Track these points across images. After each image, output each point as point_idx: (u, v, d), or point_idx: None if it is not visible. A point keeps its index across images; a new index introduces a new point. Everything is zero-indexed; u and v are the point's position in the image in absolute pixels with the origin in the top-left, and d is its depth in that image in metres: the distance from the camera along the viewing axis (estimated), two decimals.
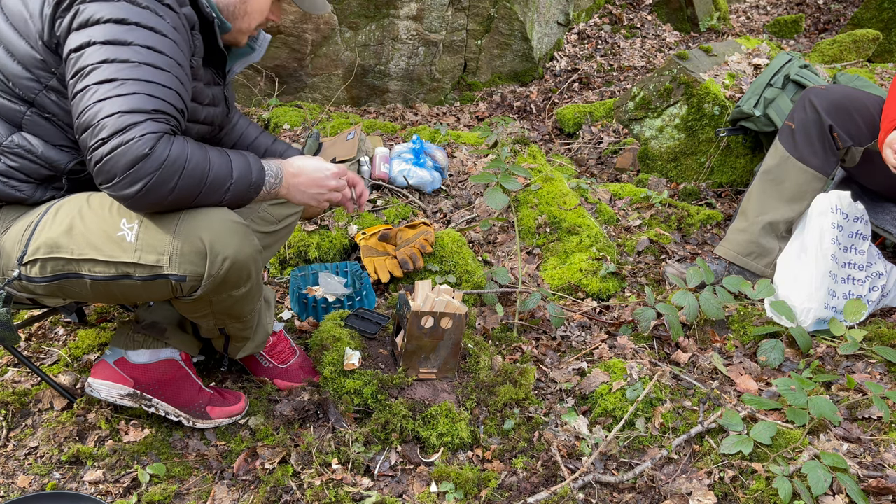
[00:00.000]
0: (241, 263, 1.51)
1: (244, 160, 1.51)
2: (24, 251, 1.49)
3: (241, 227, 1.50)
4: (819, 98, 2.37)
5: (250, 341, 1.83)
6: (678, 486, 1.69)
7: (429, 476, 1.74)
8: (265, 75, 4.28)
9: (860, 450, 1.75)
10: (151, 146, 1.32)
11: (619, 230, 2.99)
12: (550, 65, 5.08)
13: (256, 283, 1.64)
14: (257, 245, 1.56)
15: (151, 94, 1.35)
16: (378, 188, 3.08)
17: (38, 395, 1.91)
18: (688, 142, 3.52)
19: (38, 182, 1.54)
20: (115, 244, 1.44)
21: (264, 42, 1.79)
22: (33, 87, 1.45)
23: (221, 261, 1.47)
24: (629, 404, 1.89)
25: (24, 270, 1.50)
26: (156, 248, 1.43)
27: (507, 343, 2.25)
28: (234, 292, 1.58)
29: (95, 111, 1.32)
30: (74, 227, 1.46)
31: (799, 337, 2.15)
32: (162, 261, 1.44)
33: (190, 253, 1.44)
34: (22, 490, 1.63)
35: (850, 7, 6.11)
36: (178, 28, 1.44)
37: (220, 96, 1.74)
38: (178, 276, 1.45)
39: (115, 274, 1.46)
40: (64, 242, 1.46)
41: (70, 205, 1.51)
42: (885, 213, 2.52)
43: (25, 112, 1.47)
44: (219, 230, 1.46)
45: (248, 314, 1.72)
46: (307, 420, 1.84)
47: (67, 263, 1.47)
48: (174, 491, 1.64)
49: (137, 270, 1.45)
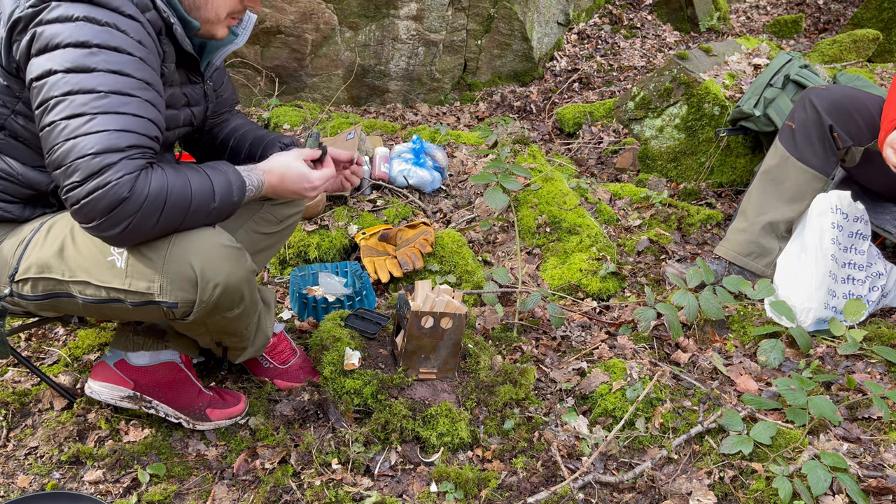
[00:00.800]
0: (234, 288, 1.48)
1: (224, 178, 1.44)
2: (15, 269, 1.48)
3: (232, 252, 1.47)
4: (819, 98, 2.37)
5: (249, 348, 1.82)
6: (678, 486, 1.69)
7: (429, 476, 1.74)
8: (265, 75, 4.28)
9: (860, 450, 1.75)
10: (130, 188, 1.26)
11: (619, 230, 2.99)
12: (550, 65, 5.08)
13: (250, 302, 1.61)
14: (250, 266, 1.53)
15: (123, 128, 1.28)
16: (378, 188, 3.08)
17: (38, 395, 1.91)
18: (688, 142, 3.52)
19: (25, 201, 1.52)
20: (106, 269, 1.42)
21: (248, 25, 1.67)
22: (2, 113, 1.40)
23: (213, 287, 1.44)
24: (629, 404, 1.89)
25: (16, 288, 1.49)
26: (146, 275, 1.41)
27: (507, 343, 2.25)
28: (227, 314, 1.56)
29: (66, 151, 1.25)
30: (66, 248, 1.44)
31: (799, 337, 2.15)
32: (152, 288, 1.41)
33: (180, 280, 1.41)
34: (22, 490, 1.63)
35: (850, 7, 6.11)
36: (143, 40, 1.35)
37: (200, 94, 1.68)
38: (170, 303, 1.43)
39: (105, 297, 1.45)
40: (55, 264, 1.44)
41: (61, 223, 1.48)
42: (885, 213, 2.52)
43: None
44: (209, 255, 1.43)
45: (244, 330, 1.70)
46: (307, 420, 1.84)
47: (59, 284, 1.46)
48: (174, 491, 1.64)
49: (128, 297, 1.43)
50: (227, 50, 1.67)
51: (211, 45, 1.65)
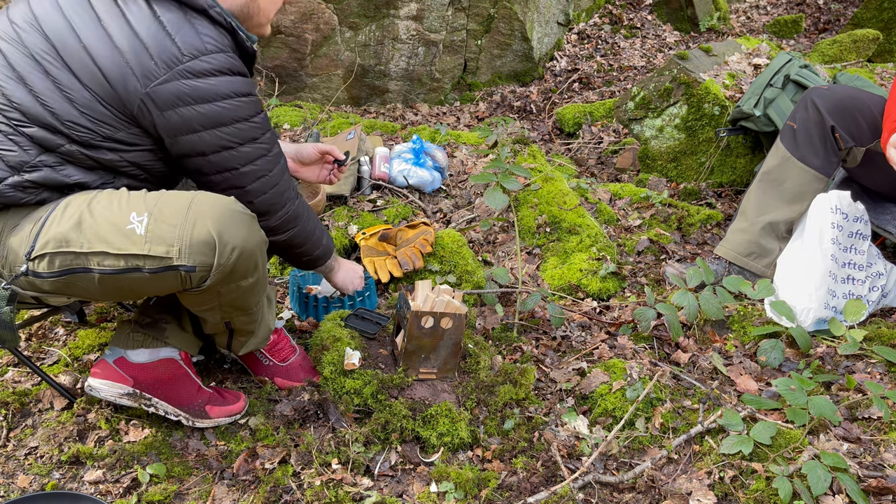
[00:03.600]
0: (249, 252, 1.53)
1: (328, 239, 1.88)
2: (32, 246, 1.48)
3: (247, 217, 1.53)
4: (821, 98, 2.36)
5: (254, 336, 1.83)
6: (678, 486, 1.69)
7: (429, 476, 1.74)
8: (265, 75, 4.28)
9: (860, 450, 1.75)
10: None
11: (619, 230, 2.99)
12: (550, 65, 5.08)
13: (263, 274, 1.65)
14: (263, 235, 1.59)
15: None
16: (378, 188, 3.08)
17: (38, 395, 1.91)
18: (688, 142, 3.52)
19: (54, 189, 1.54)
20: (125, 237, 1.45)
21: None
22: (88, 137, 1.47)
23: (230, 250, 1.48)
24: (629, 404, 1.89)
25: (32, 266, 1.49)
26: (165, 239, 1.44)
27: (507, 343, 2.25)
28: (242, 282, 1.59)
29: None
30: (84, 221, 1.46)
31: (799, 337, 2.15)
32: (171, 252, 1.44)
33: (199, 243, 1.45)
34: (22, 490, 1.63)
35: (850, 7, 6.11)
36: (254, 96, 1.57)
37: None
38: (188, 266, 1.46)
39: (124, 267, 1.46)
40: (73, 237, 1.46)
41: (79, 200, 1.50)
42: (885, 213, 2.52)
43: (64, 144, 1.47)
44: (226, 220, 1.48)
45: (255, 305, 1.73)
46: (307, 420, 1.84)
47: (76, 258, 1.47)
48: (174, 491, 1.64)
49: (147, 262, 1.45)
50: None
51: None
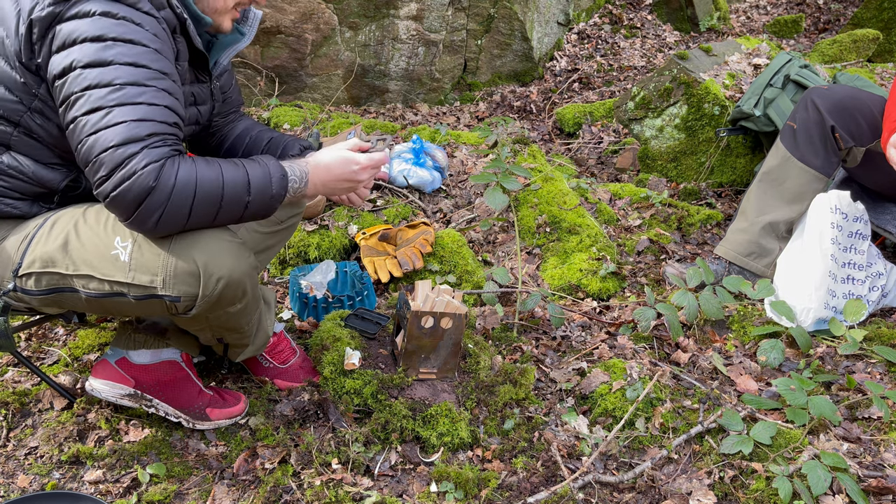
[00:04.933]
0: (236, 282, 1.49)
1: (262, 169, 1.44)
2: (19, 263, 1.48)
3: (234, 246, 1.48)
4: (822, 98, 2.36)
5: (250, 346, 1.82)
6: (678, 486, 1.69)
7: (429, 476, 1.74)
8: (265, 75, 4.28)
9: (860, 450, 1.75)
10: (155, 177, 1.28)
11: (619, 230, 2.99)
12: (550, 65, 5.08)
13: (252, 298, 1.61)
14: (252, 262, 1.54)
15: (142, 117, 1.30)
16: (378, 188, 3.08)
17: (38, 395, 1.91)
18: (688, 142, 3.52)
19: (33, 198, 1.53)
20: (109, 262, 1.43)
21: (254, 23, 1.70)
22: (17, 109, 1.42)
23: (215, 281, 1.44)
24: (629, 404, 1.89)
25: (20, 283, 1.49)
26: (149, 268, 1.42)
27: (507, 343, 2.25)
28: (229, 309, 1.56)
29: (90, 146, 1.28)
30: (70, 242, 1.45)
31: (799, 337, 2.15)
32: (155, 281, 1.42)
33: (183, 274, 1.42)
34: (22, 490, 1.64)
35: (850, 7, 6.11)
36: (158, 34, 1.38)
37: (207, 93, 1.71)
38: (172, 296, 1.44)
39: (109, 291, 1.45)
40: (59, 258, 1.45)
41: (66, 218, 1.49)
42: (885, 213, 2.52)
43: (12, 133, 1.45)
44: (212, 250, 1.44)
45: (245, 326, 1.70)
46: (307, 420, 1.84)
47: (62, 278, 1.46)
48: (174, 491, 1.64)
49: (131, 290, 1.44)
50: (236, 49, 1.69)
51: (218, 45, 1.67)
